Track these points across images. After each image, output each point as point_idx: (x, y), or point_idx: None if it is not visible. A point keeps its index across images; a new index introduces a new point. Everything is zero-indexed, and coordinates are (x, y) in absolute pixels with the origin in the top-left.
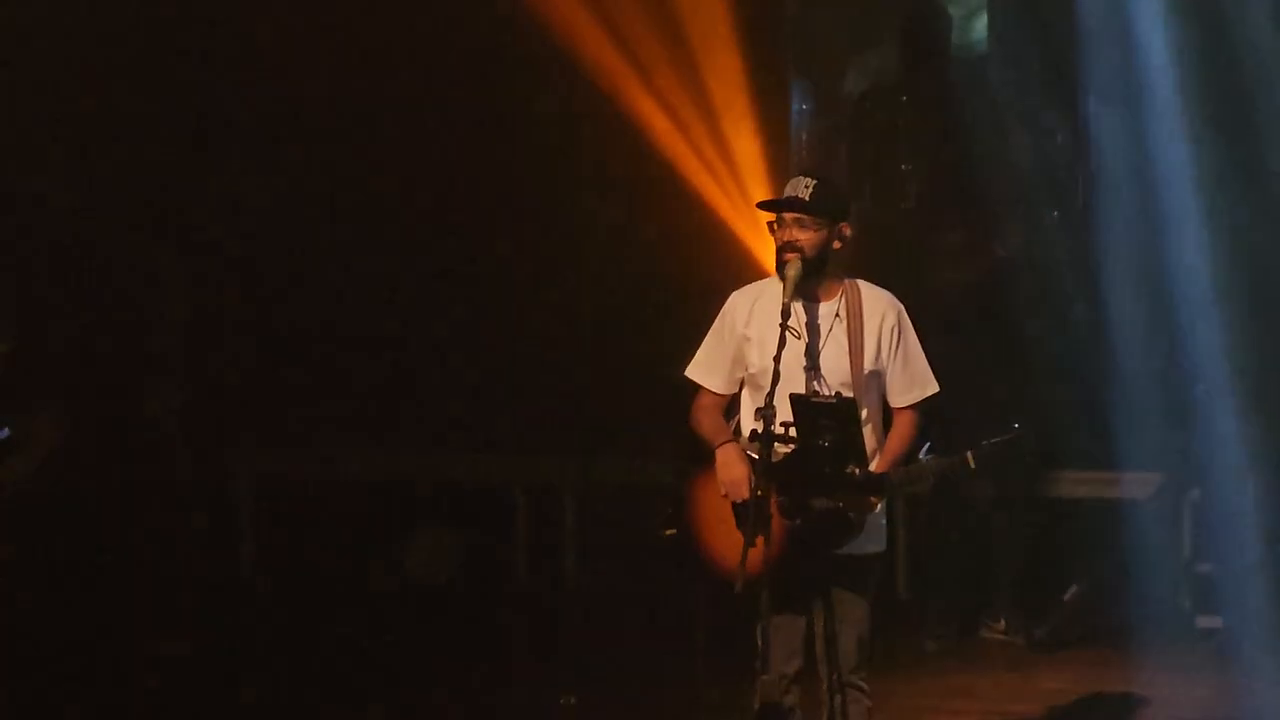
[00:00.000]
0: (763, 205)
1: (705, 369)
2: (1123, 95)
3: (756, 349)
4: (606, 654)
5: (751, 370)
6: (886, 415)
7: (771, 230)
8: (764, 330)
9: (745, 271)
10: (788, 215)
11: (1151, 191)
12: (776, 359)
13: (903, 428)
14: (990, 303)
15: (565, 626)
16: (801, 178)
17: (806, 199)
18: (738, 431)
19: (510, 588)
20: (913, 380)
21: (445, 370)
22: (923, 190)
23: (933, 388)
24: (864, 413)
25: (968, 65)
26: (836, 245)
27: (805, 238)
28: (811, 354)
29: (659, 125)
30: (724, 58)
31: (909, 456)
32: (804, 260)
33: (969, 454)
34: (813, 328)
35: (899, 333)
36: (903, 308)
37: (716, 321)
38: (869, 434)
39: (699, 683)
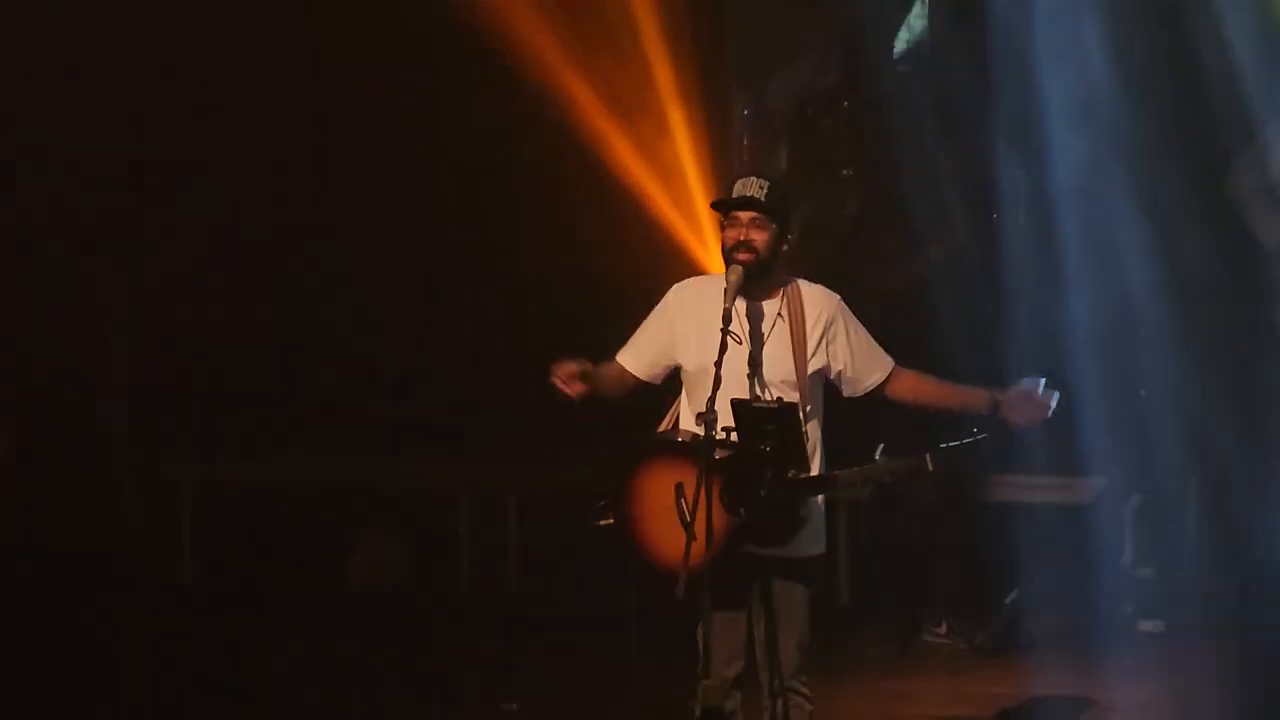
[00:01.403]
0: (717, 205)
1: (629, 349)
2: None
3: (695, 349)
4: (549, 660)
5: (689, 369)
6: (828, 412)
7: (721, 230)
8: (704, 330)
9: (688, 276)
10: (742, 215)
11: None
12: (718, 364)
13: (918, 376)
14: (928, 306)
15: (508, 633)
16: (752, 178)
17: (762, 198)
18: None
19: (453, 594)
20: (876, 358)
21: (387, 376)
22: (863, 195)
23: (890, 359)
24: (808, 408)
25: (909, 71)
26: (784, 248)
27: (760, 237)
28: (754, 358)
29: (601, 131)
30: (666, 62)
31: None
32: (757, 260)
33: (927, 456)
34: (755, 329)
35: (847, 324)
36: (840, 298)
37: (655, 310)
38: (812, 430)
39: (640, 687)
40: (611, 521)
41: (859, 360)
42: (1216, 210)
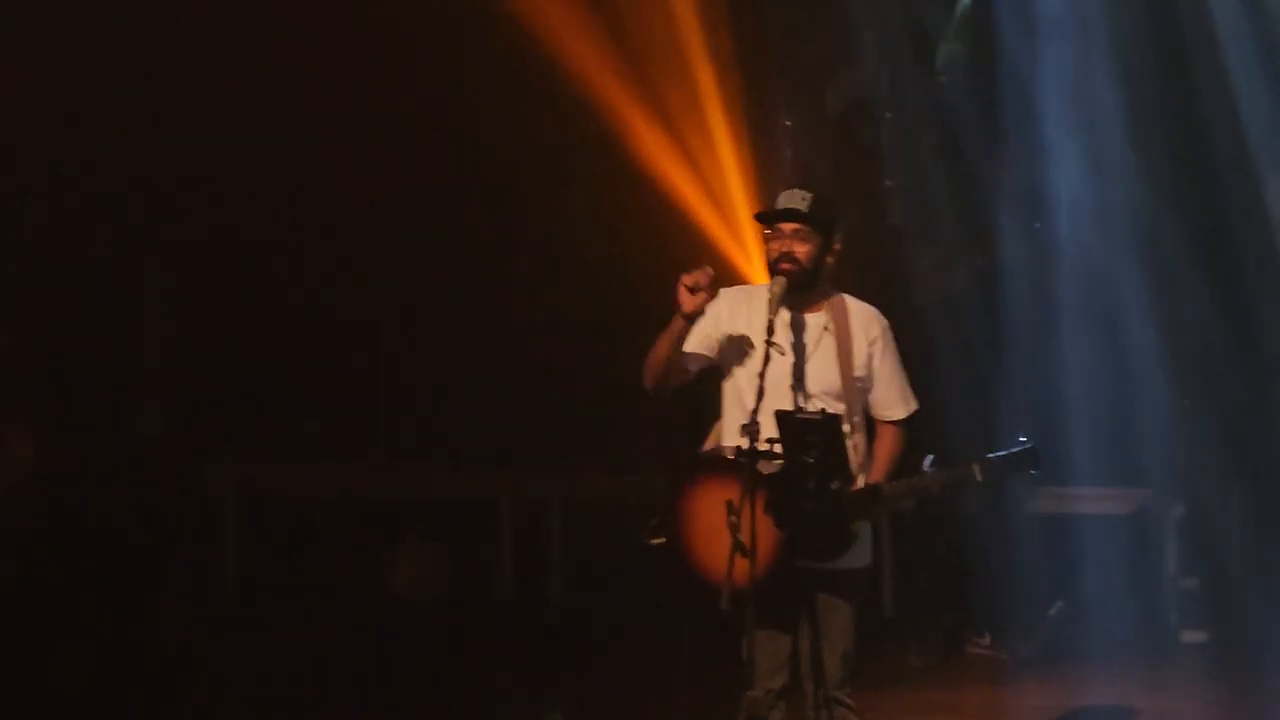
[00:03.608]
0: (760, 216)
1: None
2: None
3: (740, 358)
4: (592, 669)
5: (732, 378)
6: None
7: (765, 241)
8: (750, 341)
9: (730, 285)
10: (785, 226)
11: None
12: (761, 375)
13: (892, 441)
14: (970, 314)
15: (551, 641)
16: (797, 190)
17: (805, 210)
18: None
19: (496, 602)
20: (899, 395)
21: (431, 385)
22: (906, 207)
23: (915, 404)
24: (854, 420)
25: (952, 82)
26: (829, 260)
27: (802, 250)
28: (798, 369)
29: (644, 141)
30: (709, 74)
31: (900, 470)
32: (799, 271)
33: (975, 467)
34: (799, 342)
35: (884, 346)
36: (887, 323)
37: (707, 309)
38: (858, 442)
39: (684, 697)
40: (663, 540)
41: (881, 390)
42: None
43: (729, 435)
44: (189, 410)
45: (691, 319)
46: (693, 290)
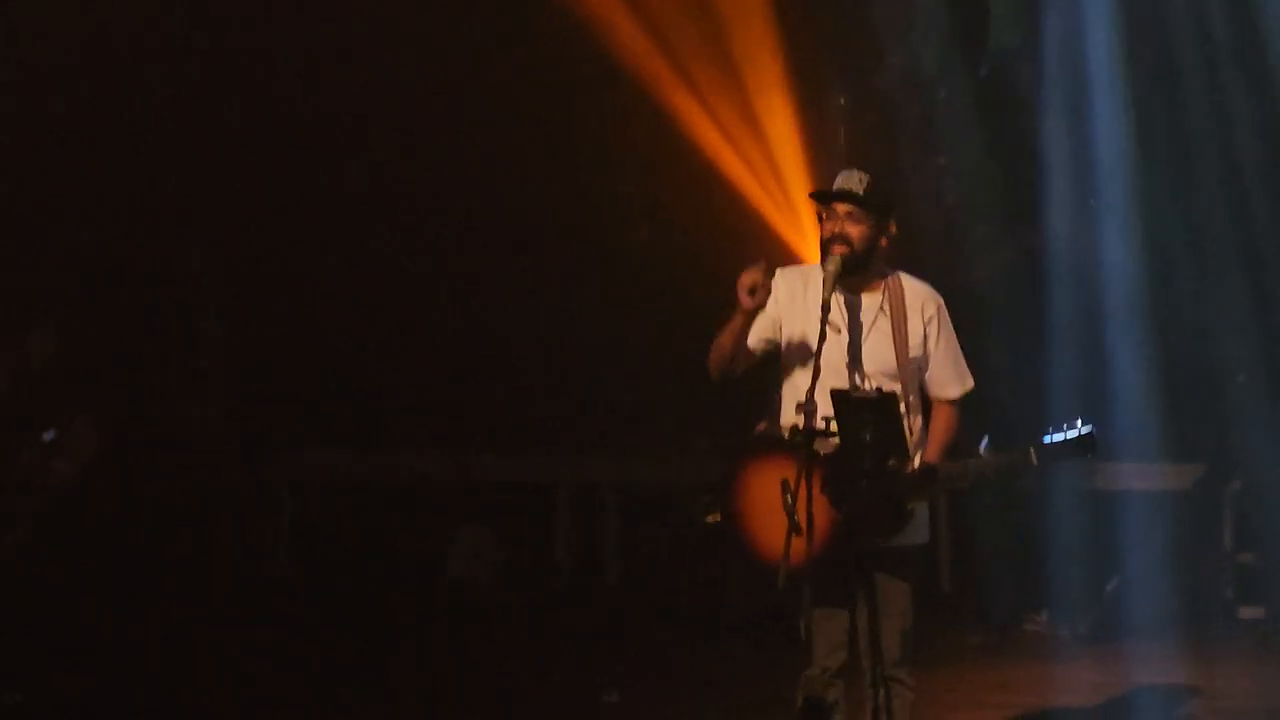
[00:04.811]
0: (815, 195)
1: None
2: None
3: (796, 338)
4: (648, 651)
5: (789, 358)
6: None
7: (819, 220)
8: (805, 319)
9: (783, 264)
10: (839, 207)
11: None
12: (817, 354)
13: (947, 420)
14: (1026, 291)
15: (607, 624)
16: (854, 171)
17: (860, 193)
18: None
19: (553, 586)
20: (954, 374)
21: (486, 371)
22: (960, 183)
23: (971, 382)
24: (910, 399)
25: (1005, 59)
26: (883, 242)
27: (855, 231)
28: (854, 348)
29: (698, 123)
30: (763, 53)
31: (955, 449)
32: (851, 254)
33: (1030, 450)
34: (855, 321)
35: (940, 325)
36: (942, 301)
37: None
38: (914, 422)
39: (741, 677)
40: (718, 518)
41: (936, 369)
42: None
43: (785, 415)
44: (250, 399)
45: (752, 315)
46: (751, 291)
